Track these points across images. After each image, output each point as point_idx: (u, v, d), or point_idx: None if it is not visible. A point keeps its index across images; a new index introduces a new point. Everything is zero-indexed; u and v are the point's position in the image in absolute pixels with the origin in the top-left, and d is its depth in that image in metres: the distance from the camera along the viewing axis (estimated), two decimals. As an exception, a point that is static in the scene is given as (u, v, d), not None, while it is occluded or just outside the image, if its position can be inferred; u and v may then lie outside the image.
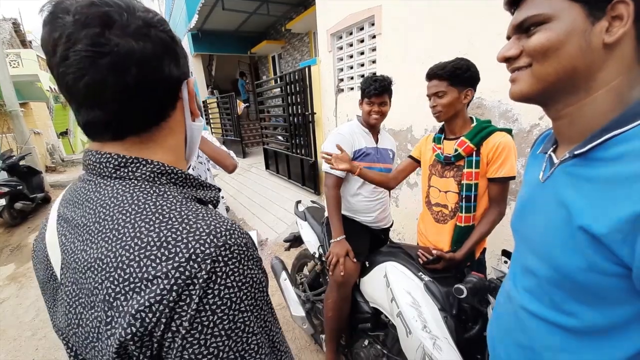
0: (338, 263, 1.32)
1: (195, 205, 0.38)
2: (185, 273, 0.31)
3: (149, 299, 0.30)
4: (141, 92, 0.36)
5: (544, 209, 0.50)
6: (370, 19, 2.73)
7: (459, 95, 1.13)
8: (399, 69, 2.44)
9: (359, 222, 1.50)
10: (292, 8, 6.33)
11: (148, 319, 0.30)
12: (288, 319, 2.15)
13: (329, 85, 3.44)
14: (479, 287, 0.88)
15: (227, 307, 0.32)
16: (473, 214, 1.18)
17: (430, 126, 2.31)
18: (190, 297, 0.31)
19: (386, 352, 1.28)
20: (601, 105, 0.44)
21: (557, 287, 0.47)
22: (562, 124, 0.49)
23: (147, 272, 0.31)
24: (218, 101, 7.54)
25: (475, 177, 1.15)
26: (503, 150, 1.11)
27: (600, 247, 0.40)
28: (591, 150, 0.44)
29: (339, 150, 1.30)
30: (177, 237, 0.33)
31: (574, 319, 0.46)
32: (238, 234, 0.36)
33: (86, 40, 0.32)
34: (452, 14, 1.99)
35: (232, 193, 5.32)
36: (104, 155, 0.38)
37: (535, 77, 0.46)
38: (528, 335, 0.53)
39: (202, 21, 6.83)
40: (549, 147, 0.54)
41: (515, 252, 0.61)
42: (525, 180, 0.63)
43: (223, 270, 0.33)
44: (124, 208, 0.35)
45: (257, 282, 0.36)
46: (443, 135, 1.26)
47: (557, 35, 0.42)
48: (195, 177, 0.43)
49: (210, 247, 0.33)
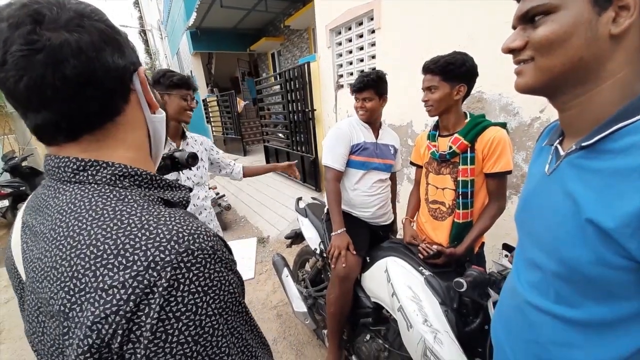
0: (340, 255, 1.32)
1: (159, 209, 0.36)
2: (144, 282, 0.30)
3: (104, 310, 0.29)
4: (84, 85, 0.34)
5: (551, 202, 0.50)
6: (369, 14, 2.71)
7: (451, 90, 1.11)
8: (399, 63, 2.43)
9: (357, 217, 1.51)
10: (290, 4, 6.29)
11: (104, 331, 0.29)
12: (290, 315, 2.16)
13: (329, 82, 3.42)
14: (479, 281, 0.88)
15: (193, 312, 0.32)
16: (471, 210, 1.18)
17: (430, 121, 2.30)
18: (150, 307, 0.30)
19: (388, 347, 1.28)
20: (608, 97, 0.43)
21: (564, 281, 0.47)
22: (569, 116, 0.48)
23: (102, 282, 0.30)
24: (218, 99, 7.54)
25: (471, 174, 1.15)
26: (498, 144, 1.10)
27: (609, 241, 0.39)
28: (599, 142, 0.43)
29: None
30: (135, 244, 0.32)
31: (581, 313, 0.45)
32: (203, 238, 0.35)
33: (20, 40, 0.32)
34: (451, 7, 1.97)
35: (233, 191, 5.33)
36: (62, 159, 0.37)
37: (541, 69, 0.45)
38: (534, 330, 0.52)
39: (200, 19, 6.80)
40: (555, 139, 0.53)
41: (519, 246, 0.60)
42: (530, 172, 0.62)
43: (186, 277, 0.32)
44: (80, 214, 0.34)
45: (226, 284, 0.35)
46: (437, 132, 1.26)
47: (563, 27, 0.41)
48: (162, 177, 0.42)
49: (170, 253, 0.32)
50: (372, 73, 1.37)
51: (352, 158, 1.44)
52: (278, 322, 2.15)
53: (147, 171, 0.40)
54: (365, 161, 1.44)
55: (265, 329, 2.09)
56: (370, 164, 1.45)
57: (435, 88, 1.13)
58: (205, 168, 1.48)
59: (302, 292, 1.80)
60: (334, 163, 1.42)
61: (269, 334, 2.05)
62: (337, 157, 1.42)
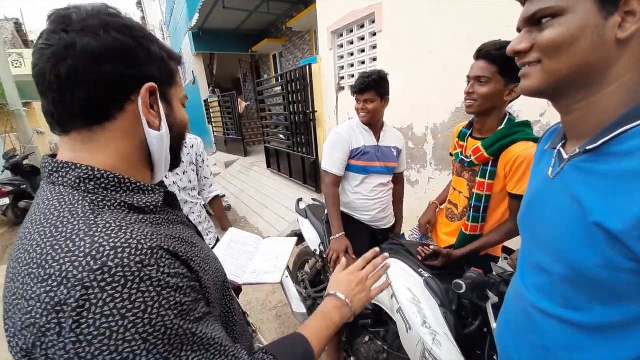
0: (338, 259, 1.32)
1: (105, 218, 0.35)
2: (55, 299, 0.29)
3: (26, 320, 0.29)
4: (72, 85, 0.36)
5: (555, 206, 0.49)
6: (370, 17, 2.72)
7: (504, 88, 0.94)
8: (400, 66, 2.44)
9: (357, 220, 1.51)
10: (292, 6, 6.31)
11: (25, 340, 0.29)
12: (290, 316, 2.16)
13: (330, 83, 3.44)
14: (478, 283, 0.88)
15: (107, 337, 0.29)
16: (481, 225, 1.09)
17: (431, 124, 2.31)
18: (61, 326, 0.28)
19: (386, 348, 1.28)
20: (612, 100, 0.43)
21: (571, 285, 0.46)
22: (572, 119, 0.48)
23: (25, 291, 0.30)
24: (219, 100, 7.55)
25: (487, 189, 1.03)
26: (522, 163, 0.94)
27: (617, 244, 0.39)
28: (603, 145, 0.43)
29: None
30: (56, 255, 0.31)
31: (588, 316, 0.45)
32: (129, 253, 0.32)
33: (45, 35, 0.36)
34: (453, 10, 1.98)
35: (234, 192, 5.34)
36: (45, 160, 0.39)
37: (547, 73, 0.45)
38: (540, 334, 0.52)
39: (203, 20, 6.83)
40: (558, 142, 0.53)
41: (523, 250, 0.60)
42: (532, 176, 0.62)
43: (99, 298, 0.29)
44: (37, 217, 0.35)
45: (155, 306, 0.32)
46: (469, 131, 1.12)
47: (570, 30, 0.41)
48: (134, 181, 0.40)
49: (83, 270, 0.30)
50: (373, 73, 1.33)
51: (352, 162, 1.44)
52: (277, 323, 2.15)
53: (115, 173, 0.39)
54: (365, 166, 1.43)
55: (265, 330, 2.09)
56: (370, 168, 1.44)
57: (487, 80, 0.93)
58: (194, 171, 1.42)
59: (302, 293, 1.80)
60: (332, 168, 1.42)
61: (268, 334, 2.05)
62: (336, 162, 1.42)
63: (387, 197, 1.54)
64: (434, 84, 2.20)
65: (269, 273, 0.91)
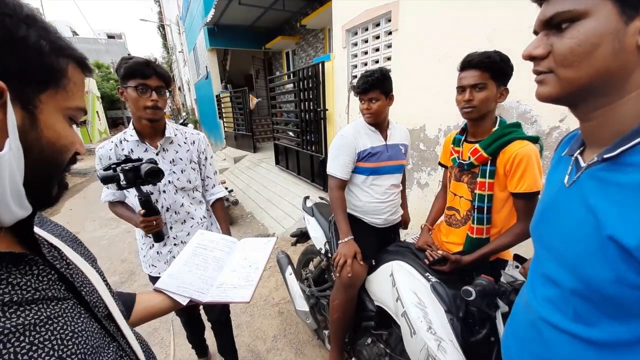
0: (345, 264, 1.29)
1: None
2: None
3: None
4: None
5: (570, 216, 0.48)
6: (387, 15, 2.68)
7: (496, 92, 1.01)
8: (415, 66, 2.40)
9: (368, 224, 1.47)
10: (307, 4, 6.31)
11: None
12: (292, 313, 2.16)
13: (342, 82, 3.41)
14: (488, 291, 0.85)
15: None
16: (487, 227, 1.09)
17: (444, 126, 2.26)
18: None
19: (389, 352, 1.26)
20: (632, 109, 0.41)
21: (583, 299, 0.45)
22: (591, 126, 0.46)
23: None
24: (231, 95, 7.62)
25: (489, 188, 1.06)
26: (521, 162, 0.98)
27: (630, 259, 0.37)
28: (622, 154, 0.41)
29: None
30: None
31: (599, 331, 0.44)
32: None
33: None
34: (471, 10, 1.93)
35: (242, 187, 5.38)
36: None
37: (565, 80, 0.43)
38: (548, 348, 0.51)
39: (218, 16, 6.89)
40: (576, 149, 0.51)
41: (535, 260, 0.58)
42: (547, 183, 0.59)
43: None
44: None
45: None
46: (463, 137, 1.17)
47: (590, 38, 0.40)
48: None
49: None
50: (376, 72, 1.29)
51: (360, 165, 1.40)
52: (279, 320, 2.15)
53: None
54: (375, 167, 1.40)
55: (266, 326, 2.10)
56: (381, 169, 1.41)
57: (484, 86, 1.00)
58: (196, 169, 1.30)
59: (305, 291, 1.79)
60: (336, 172, 1.40)
61: (269, 330, 2.05)
62: (341, 166, 1.39)
63: (397, 199, 1.51)
64: (448, 85, 2.15)
65: (238, 288, 0.73)
